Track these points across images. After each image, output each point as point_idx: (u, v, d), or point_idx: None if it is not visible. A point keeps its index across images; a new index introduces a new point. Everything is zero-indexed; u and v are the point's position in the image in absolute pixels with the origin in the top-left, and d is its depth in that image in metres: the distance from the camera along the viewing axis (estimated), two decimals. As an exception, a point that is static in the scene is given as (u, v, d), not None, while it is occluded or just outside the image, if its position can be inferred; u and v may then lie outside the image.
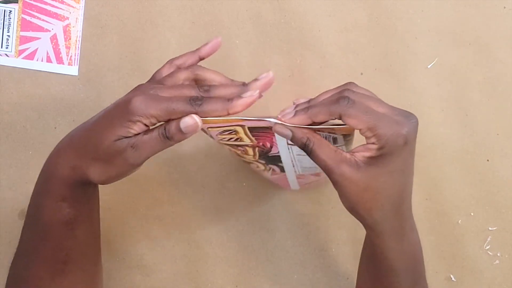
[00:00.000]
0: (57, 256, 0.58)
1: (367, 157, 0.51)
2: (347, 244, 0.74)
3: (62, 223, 0.57)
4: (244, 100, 0.52)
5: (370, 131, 0.50)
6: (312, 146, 0.52)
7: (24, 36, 0.73)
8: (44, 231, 0.57)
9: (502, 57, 0.74)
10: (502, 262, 0.74)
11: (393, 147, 0.50)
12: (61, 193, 0.56)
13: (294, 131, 0.52)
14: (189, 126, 0.51)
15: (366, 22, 0.74)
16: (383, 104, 0.52)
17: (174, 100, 0.52)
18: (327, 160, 0.51)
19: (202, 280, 0.74)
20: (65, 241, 0.58)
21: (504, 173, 0.74)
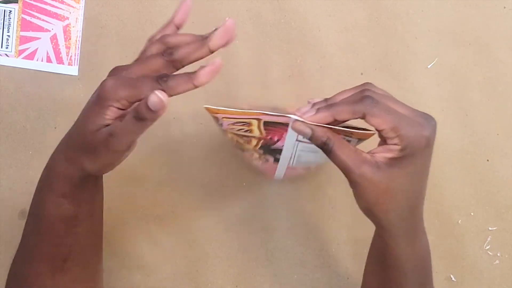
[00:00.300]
0: (57, 253, 0.58)
1: (389, 158, 0.50)
2: (347, 244, 0.74)
3: (63, 220, 0.56)
4: (207, 69, 0.50)
5: (393, 131, 0.50)
6: (332, 146, 0.51)
7: (24, 36, 0.73)
8: (45, 227, 0.57)
9: (502, 57, 0.74)
10: (502, 262, 0.74)
11: (415, 149, 0.50)
12: (61, 189, 0.55)
13: (315, 130, 0.52)
14: (155, 103, 0.48)
15: (366, 22, 0.74)
16: (403, 105, 0.52)
17: (140, 80, 0.51)
18: (348, 160, 0.51)
19: (202, 280, 0.74)
20: (65, 238, 0.57)
21: (504, 173, 0.74)
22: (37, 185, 0.59)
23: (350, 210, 0.74)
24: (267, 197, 0.74)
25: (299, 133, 0.53)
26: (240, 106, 0.71)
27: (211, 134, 0.74)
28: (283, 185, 0.74)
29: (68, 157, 0.55)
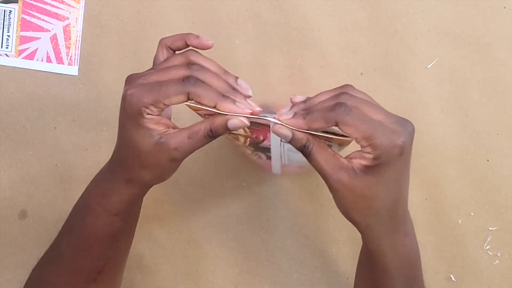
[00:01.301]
0: (95, 267, 0.59)
1: (364, 165, 0.50)
2: (347, 244, 0.74)
3: (110, 236, 0.57)
4: (235, 109, 0.52)
5: (365, 140, 0.49)
6: (311, 150, 0.52)
7: (24, 36, 0.73)
8: (89, 244, 0.58)
9: (502, 57, 0.74)
10: (502, 262, 0.74)
11: (389, 158, 0.49)
12: (117, 209, 0.56)
13: (294, 133, 0.52)
14: (237, 126, 0.52)
15: (366, 22, 0.74)
16: (380, 110, 0.51)
17: (165, 83, 0.51)
18: (324, 165, 0.51)
19: (202, 280, 0.74)
20: (106, 252, 0.58)
21: (504, 173, 0.74)
22: (82, 203, 0.59)
23: (350, 210, 0.74)
24: (267, 197, 0.74)
25: (280, 136, 0.53)
26: None
27: (211, 134, 0.74)
28: (283, 185, 0.74)
29: (129, 178, 0.55)
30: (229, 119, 0.52)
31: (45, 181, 0.73)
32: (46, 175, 0.73)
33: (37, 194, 0.73)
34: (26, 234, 0.73)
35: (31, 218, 0.73)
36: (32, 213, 0.73)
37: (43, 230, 0.72)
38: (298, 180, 0.74)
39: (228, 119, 0.52)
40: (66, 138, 0.73)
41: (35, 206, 0.73)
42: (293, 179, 0.74)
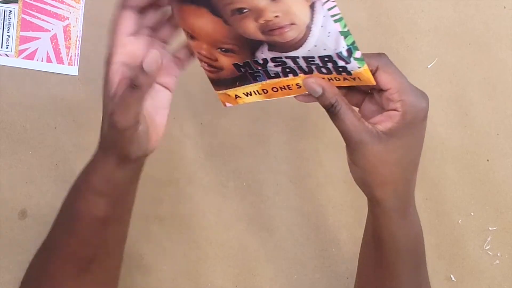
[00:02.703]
0: (83, 253, 0.58)
1: (389, 128, 0.51)
2: (347, 244, 0.74)
3: (95, 219, 0.56)
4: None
5: (398, 94, 0.50)
6: (339, 109, 0.51)
7: (24, 36, 0.73)
8: (76, 226, 0.57)
9: (502, 57, 0.74)
10: (502, 262, 0.74)
11: (414, 119, 0.51)
12: (100, 187, 0.55)
13: (325, 89, 0.51)
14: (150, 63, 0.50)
15: (366, 22, 0.74)
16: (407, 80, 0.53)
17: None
18: (350, 126, 0.51)
19: (202, 280, 0.74)
20: (94, 238, 0.57)
21: (504, 173, 0.74)
22: (72, 185, 0.59)
23: (350, 210, 0.74)
24: (267, 197, 0.74)
25: (310, 90, 0.52)
26: None
27: (211, 134, 0.74)
28: (283, 185, 0.74)
29: (106, 146, 0.54)
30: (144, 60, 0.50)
31: (45, 181, 0.73)
32: (46, 175, 0.73)
33: (37, 194, 0.73)
34: (26, 234, 0.73)
35: (31, 218, 0.73)
36: (32, 213, 0.73)
37: (43, 230, 0.72)
38: (298, 180, 0.74)
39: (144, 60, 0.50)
40: (66, 138, 0.73)
41: (35, 206, 0.73)
42: (293, 179, 0.74)
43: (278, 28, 0.48)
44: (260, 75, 0.54)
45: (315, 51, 0.50)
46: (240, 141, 0.74)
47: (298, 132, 0.74)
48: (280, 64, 0.52)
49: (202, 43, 0.53)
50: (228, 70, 0.55)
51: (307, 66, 0.51)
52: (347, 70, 0.50)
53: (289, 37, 0.49)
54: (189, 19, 0.51)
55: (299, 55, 0.50)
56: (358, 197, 0.74)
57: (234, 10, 0.48)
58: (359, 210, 0.74)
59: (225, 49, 0.52)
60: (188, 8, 0.50)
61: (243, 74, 0.55)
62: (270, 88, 0.55)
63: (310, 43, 0.49)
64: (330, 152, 0.74)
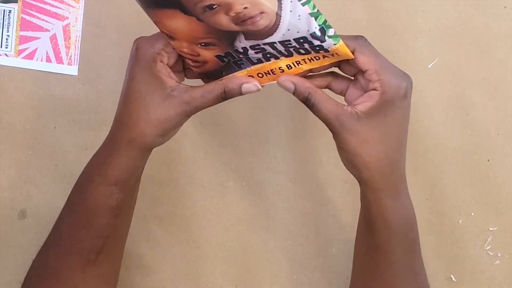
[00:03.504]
0: (94, 245, 0.58)
1: (369, 107, 0.52)
2: (347, 244, 0.74)
3: (108, 209, 0.57)
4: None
5: (376, 74, 0.52)
6: (313, 101, 0.53)
7: (24, 36, 0.73)
8: (87, 217, 0.57)
9: (503, 57, 0.74)
10: (502, 263, 0.74)
11: (394, 97, 0.52)
12: (116, 177, 0.56)
13: (297, 85, 0.53)
14: (251, 90, 0.55)
15: (366, 22, 0.74)
16: (387, 60, 0.54)
17: None
18: (328, 113, 0.52)
19: (202, 280, 0.74)
20: (105, 229, 0.58)
21: (504, 173, 0.74)
22: (82, 178, 0.59)
23: (350, 210, 0.74)
24: (267, 197, 0.74)
25: (283, 87, 0.54)
26: None
27: (211, 134, 0.74)
28: (283, 185, 0.74)
29: (130, 138, 0.55)
30: (243, 83, 0.54)
31: (45, 181, 0.73)
32: (46, 175, 0.73)
33: (37, 194, 0.73)
34: (26, 234, 0.73)
35: (31, 218, 0.73)
36: (31, 213, 0.73)
37: (43, 230, 0.72)
38: (298, 180, 0.74)
39: (243, 83, 0.54)
40: (65, 138, 0.73)
41: (35, 206, 0.73)
42: (293, 179, 0.74)
43: (249, 18, 0.50)
44: (243, 63, 0.56)
45: (289, 35, 0.52)
46: (240, 141, 0.74)
47: (298, 132, 0.74)
48: (260, 51, 0.54)
49: (181, 42, 0.54)
50: (212, 62, 0.56)
51: (286, 50, 0.53)
52: (324, 48, 0.52)
53: (261, 25, 0.51)
54: (164, 21, 0.53)
55: (275, 40, 0.52)
56: (358, 197, 0.74)
57: (204, 7, 0.50)
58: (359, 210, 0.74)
59: (204, 44, 0.54)
60: (160, 12, 0.52)
61: (227, 64, 0.56)
62: (256, 74, 0.57)
63: (283, 28, 0.51)
64: (330, 152, 0.74)
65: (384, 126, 0.52)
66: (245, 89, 0.54)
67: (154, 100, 0.54)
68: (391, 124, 0.53)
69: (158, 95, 0.54)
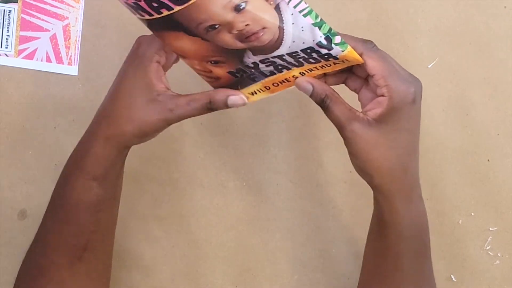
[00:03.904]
0: (78, 242, 0.58)
1: (378, 114, 0.52)
2: (347, 244, 0.74)
3: (89, 204, 0.57)
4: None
5: (384, 79, 0.52)
6: (329, 103, 0.53)
7: (24, 36, 0.73)
8: (69, 213, 0.57)
9: (503, 57, 0.74)
10: (502, 263, 0.74)
11: (402, 103, 0.52)
12: (94, 171, 0.56)
13: (315, 86, 0.54)
14: (237, 104, 0.55)
15: (366, 22, 0.74)
16: (397, 63, 0.54)
17: None
18: (341, 116, 0.53)
19: (202, 280, 0.74)
20: (88, 225, 0.58)
21: (504, 173, 0.74)
22: (63, 172, 0.59)
23: (351, 210, 0.74)
24: (267, 197, 0.74)
25: (301, 89, 0.54)
26: None
27: (211, 134, 0.74)
28: (283, 185, 0.74)
29: (109, 135, 0.55)
30: (229, 96, 0.54)
31: (45, 181, 0.73)
32: (46, 175, 0.73)
33: (37, 194, 0.73)
34: (26, 234, 0.73)
35: (31, 218, 0.73)
36: (31, 213, 0.73)
37: (42, 230, 0.72)
38: (298, 180, 0.74)
39: (229, 96, 0.54)
40: (66, 138, 0.73)
41: (35, 206, 0.73)
42: (293, 179, 0.74)
43: (252, 34, 0.50)
44: (256, 76, 0.56)
45: (295, 47, 0.52)
46: (240, 141, 0.74)
47: (298, 132, 0.74)
48: (271, 64, 0.54)
49: (192, 60, 0.55)
50: (225, 78, 0.56)
51: (295, 61, 0.53)
52: (333, 55, 0.52)
53: (265, 40, 0.51)
54: (172, 43, 0.54)
55: (282, 53, 0.52)
56: (359, 197, 0.74)
57: (206, 28, 0.50)
58: (360, 210, 0.74)
59: (214, 61, 0.54)
60: (167, 34, 0.53)
61: (242, 78, 0.56)
62: (271, 84, 0.56)
63: (288, 41, 0.51)
64: (330, 152, 0.74)
65: (394, 132, 0.53)
66: (231, 101, 0.54)
67: (138, 102, 0.54)
68: (401, 130, 0.53)
69: (143, 96, 0.54)
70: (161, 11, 0.50)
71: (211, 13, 0.49)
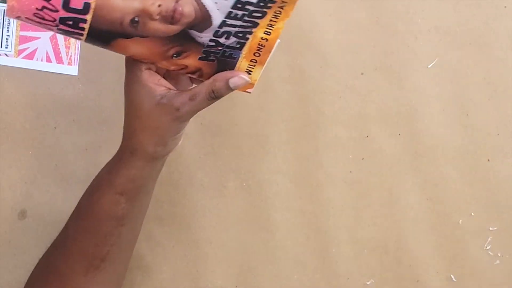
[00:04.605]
0: (98, 252, 0.58)
1: None
2: (347, 244, 0.74)
3: (114, 218, 0.57)
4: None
5: None
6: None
7: (24, 36, 0.73)
8: (92, 224, 0.58)
9: (503, 57, 0.74)
10: (502, 263, 0.74)
11: None
12: (122, 186, 0.56)
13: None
14: (240, 84, 0.55)
15: (366, 22, 0.74)
16: None
17: None
18: None
19: (202, 280, 0.74)
20: (110, 237, 0.58)
21: (505, 173, 0.74)
22: (93, 182, 0.60)
23: (351, 210, 0.74)
24: (267, 197, 0.74)
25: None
26: None
27: (211, 134, 0.74)
28: (283, 185, 0.74)
29: (133, 149, 0.56)
30: (229, 78, 0.54)
31: (45, 181, 0.73)
32: (46, 175, 0.73)
33: (37, 194, 0.73)
34: (26, 234, 0.73)
35: (31, 218, 0.73)
36: (31, 213, 0.73)
37: (43, 231, 0.72)
38: (298, 180, 0.74)
39: (229, 78, 0.54)
40: (66, 138, 0.73)
41: (35, 206, 0.73)
42: (293, 179, 0.74)
43: (173, 12, 0.51)
44: (230, 52, 0.56)
45: (223, 6, 0.52)
46: (240, 141, 0.74)
47: (298, 132, 0.74)
48: (227, 35, 0.54)
49: (160, 62, 0.55)
50: (205, 66, 0.57)
51: (243, 21, 0.53)
52: (267, 0, 0.52)
53: (189, 12, 0.51)
54: (125, 52, 0.54)
55: (220, 19, 0.53)
56: (358, 197, 0.74)
57: (129, 24, 0.51)
58: (359, 210, 0.74)
59: (176, 54, 0.55)
60: (114, 46, 0.53)
61: (219, 60, 0.56)
62: (253, 55, 0.57)
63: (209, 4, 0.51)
64: (330, 152, 0.74)
65: None
66: (232, 83, 0.54)
67: (146, 111, 0.54)
68: None
69: (149, 104, 0.54)
70: (80, 26, 0.51)
71: (118, 8, 0.49)
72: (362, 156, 0.74)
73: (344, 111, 0.73)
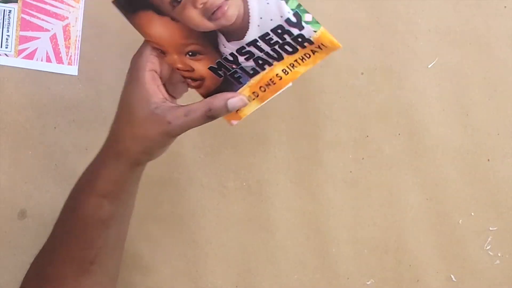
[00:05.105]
0: (86, 255, 0.58)
1: None
2: (347, 244, 0.74)
3: (99, 221, 0.57)
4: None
5: None
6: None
7: (24, 36, 0.73)
8: (78, 227, 0.57)
9: (503, 57, 0.74)
10: (502, 263, 0.74)
11: None
12: (105, 189, 0.56)
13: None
14: (238, 106, 0.54)
15: (366, 22, 0.74)
16: None
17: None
18: None
19: (202, 280, 0.74)
20: (97, 240, 0.58)
21: (505, 173, 0.74)
22: (75, 186, 0.59)
23: (350, 210, 0.74)
24: (267, 197, 0.74)
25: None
26: None
27: (211, 134, 0.74)
28: (283, 185, 0.74)
29: (118, 152, 0.55)
30: (228, 99, 0.53)
31: (44, 181, 0.73)
32: (46, 175, 0.73)
33: (36, 194, 0.73)
34: (26, 234, 0.73)
35: (31, 218, 0.73)
36: (31, 213, 0.73)
37: (42, 230, 0.72)
38: (298, 180, 0.74)
39: (228, 99, 0.53)
40: (66, 138, 0.73)
41: (35, 206, 0.73)
42: (293, 178, 0.74)
43: (217, 9, 0.50)
44: (240, 75, 0.55)
45: (264, 26, 0.51)
46: (240, 141, 0.74)
47: (298, 132, 0.74)
48: (249, 56, 0.53)
49: (171, 54, 0.55)
50: (209, 78, 0.56)
51: (272, 50, 0.53)
52: (306, 38, 0.51)
53: (231, 15, 0.51)
54: (146, 28, 0.54)
55: (254, 36, 0.52)
56: (358, 197, 0.74)
57: (171, 2, 0.51)
58: (359, 210, 0.74)
59: (191, 53, 0.54)
60: (139, 17, 0.53)
61: (225, 79, 0.56)
62: (258, 88, 0.56)
63: (254, 17, 0.51)
64: (330, 152, 0.74)
65: None
66: (231, 104, 0.53)
67: (138, 117, 0.54)
68: None
69: (142, 111, 0.53)
70: None
71: None
72: (362, 156, 0.73)
73: (344, 111, 0.73)
